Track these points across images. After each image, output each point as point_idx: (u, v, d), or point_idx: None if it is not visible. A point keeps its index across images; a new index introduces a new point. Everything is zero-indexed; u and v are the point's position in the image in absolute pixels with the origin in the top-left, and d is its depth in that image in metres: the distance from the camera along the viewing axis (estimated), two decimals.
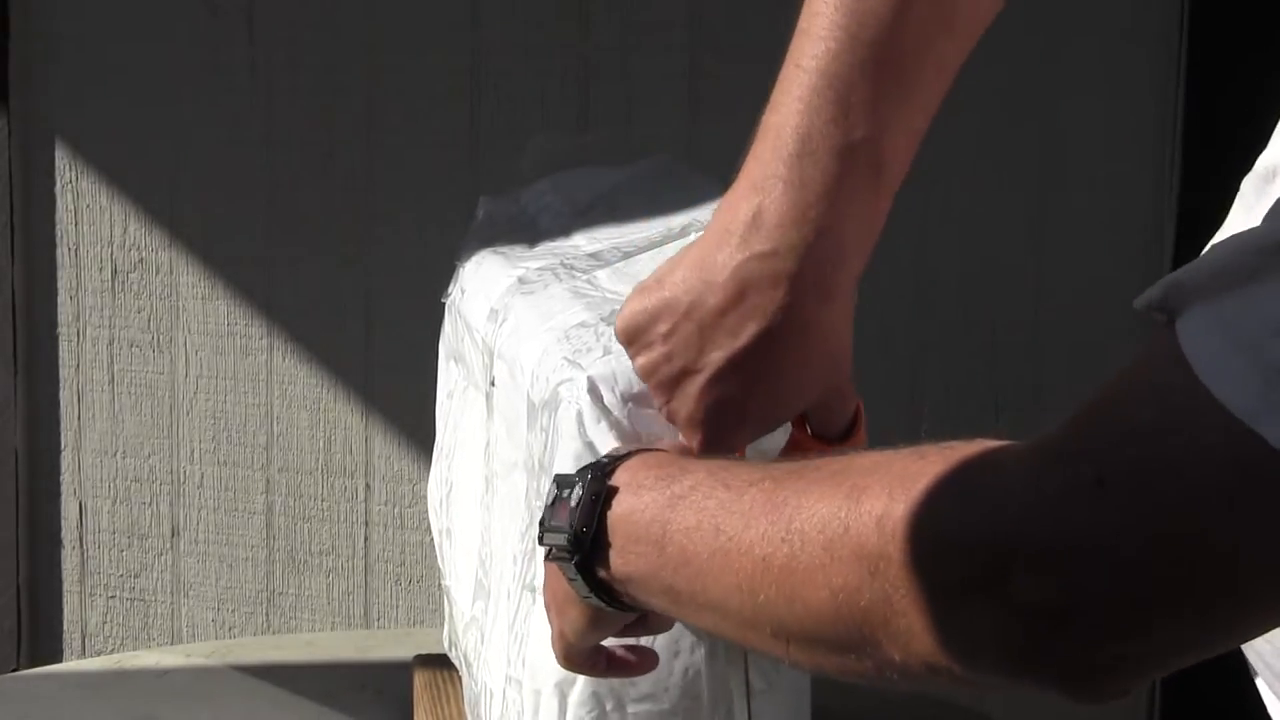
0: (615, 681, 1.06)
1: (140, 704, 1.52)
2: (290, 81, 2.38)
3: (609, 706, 1.09)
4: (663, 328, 0.95)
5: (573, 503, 0.89)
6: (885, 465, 0.77)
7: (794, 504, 0.79)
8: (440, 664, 1.48)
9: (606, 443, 1.02)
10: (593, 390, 1.03)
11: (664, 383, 0.95)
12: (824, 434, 1.00)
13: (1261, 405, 0.65)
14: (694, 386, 0.94)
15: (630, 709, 1.08)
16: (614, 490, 0.88)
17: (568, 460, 1.04)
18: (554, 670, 1.08)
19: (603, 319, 1.11)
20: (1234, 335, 0.67)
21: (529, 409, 1.11)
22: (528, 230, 1.36)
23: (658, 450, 0.93)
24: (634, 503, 0.87)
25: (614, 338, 1.06)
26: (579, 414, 1.04)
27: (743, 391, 0.93)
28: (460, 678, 1.40)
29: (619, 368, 1.04)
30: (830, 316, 0.95)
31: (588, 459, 1.01)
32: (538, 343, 1.12)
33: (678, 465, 0.88)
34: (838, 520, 0.76)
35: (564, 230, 1.33)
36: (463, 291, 1.33)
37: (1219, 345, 0.67)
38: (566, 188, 1.41)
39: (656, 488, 0.87)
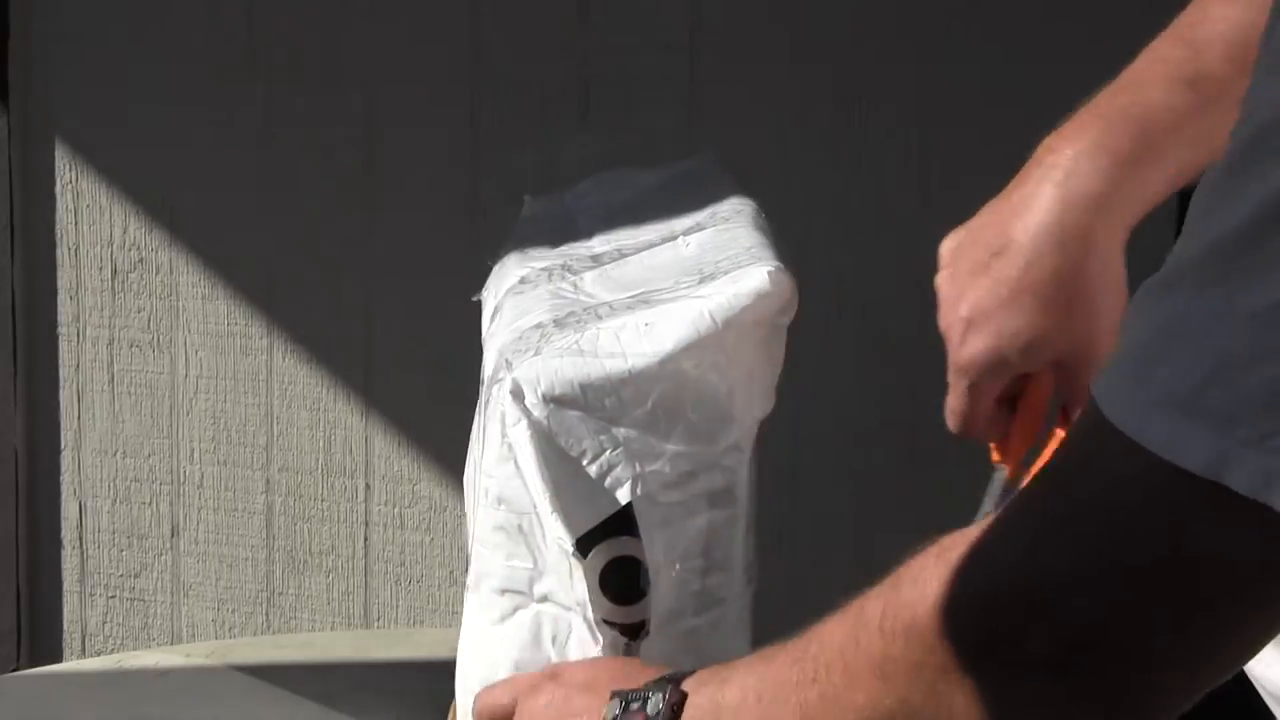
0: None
1: (140, 704, 1.52)
2: (290, 81, 2.38)
3: None
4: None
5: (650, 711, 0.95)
6: (878, 585, 0.82)
7: (817, 643, 0.85)
8: None
9: (525, 445, 1.03)
10: (515, 391, 1.04)
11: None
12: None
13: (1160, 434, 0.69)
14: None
15: None
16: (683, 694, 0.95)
17: (492, 459, 1.04)
18: (480, 666, 1.09)
19: (555, 320, 1.11)
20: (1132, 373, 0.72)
21: (480, 408, 1.12)
22: (566, 230, 1.36)
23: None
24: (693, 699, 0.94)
25: (549, 338, 1.07)
26: (502, 415, 1.04)
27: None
28: None
29: (543, 369, 1.05)
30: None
31: (508, 459, 1.04)
32: (496, 342, 1.12)
33: (712, 670, 0.95)
34: (850, 639, 0.82)
35: (593, 231, 1.33)
36: (487, 290, 1.34)
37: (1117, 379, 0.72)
38: (608, 188, 1.41)
39: (708, 682, 0.94)
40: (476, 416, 1.26)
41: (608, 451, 1.04)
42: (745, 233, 1.21)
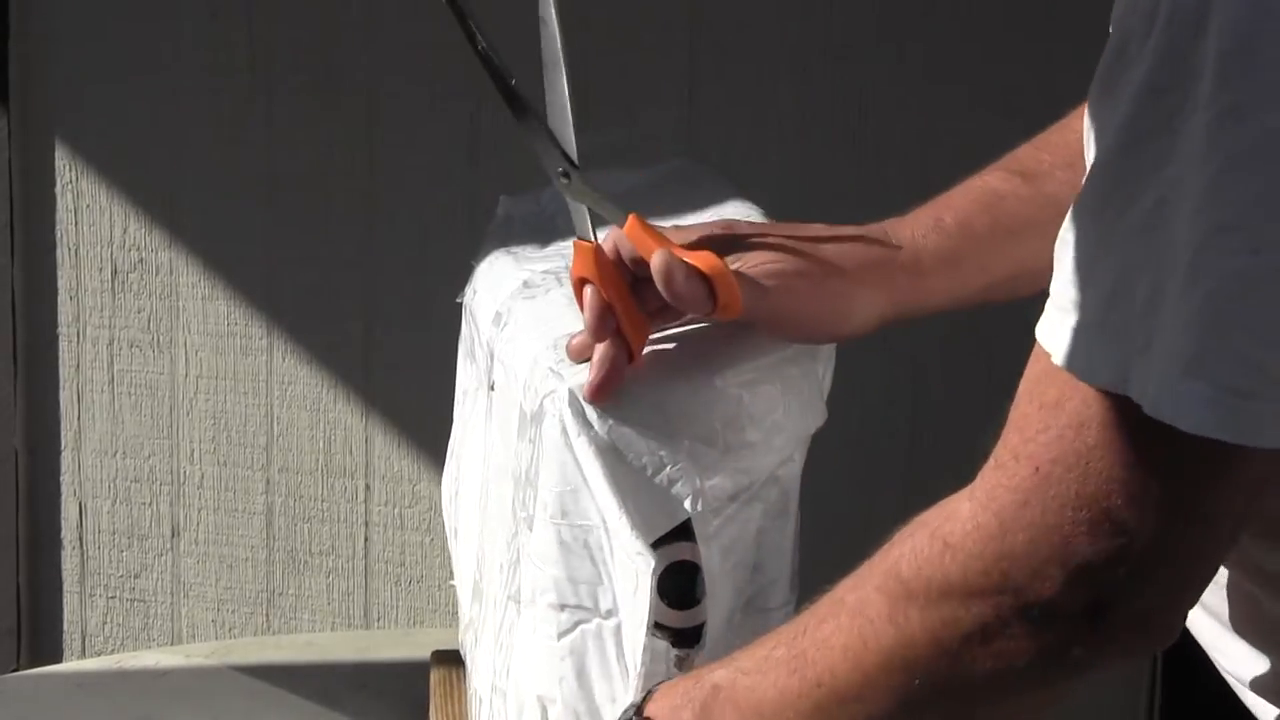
0: (597, 699, 1.07)
1: (140, 704, 1.52)
2: (290, 81, 2.38)
3: None
4: None
5: None
6: (867, 572, 0.87)
7: (813, 646, 0.87)
8: (455, 661, 1.48)
9: (589, 458, 1.02)
10: (573, 403, 1.03)
11: None
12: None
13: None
14: None
15: None
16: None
17: (552, 473, 1.03)
18: (536, 681, 1.08)
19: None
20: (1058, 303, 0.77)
21: (520, 418, 1.10)
22: (544, 231, 1.35)
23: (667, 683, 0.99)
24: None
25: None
26: (563, 427, 1.03)
27: None
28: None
29: None
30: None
31: (572, 473, 1.02)
32: (529, 350, 1.11)
33: (694, 675, 0.96)
34: (857, 640, 0.85)
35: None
36: (474, 292, 1.33)
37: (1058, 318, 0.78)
38: None
39: (687, 701, 0.94)
40: (485, 421, 1.25)
41: (668, 467, 1.03)
42: None
